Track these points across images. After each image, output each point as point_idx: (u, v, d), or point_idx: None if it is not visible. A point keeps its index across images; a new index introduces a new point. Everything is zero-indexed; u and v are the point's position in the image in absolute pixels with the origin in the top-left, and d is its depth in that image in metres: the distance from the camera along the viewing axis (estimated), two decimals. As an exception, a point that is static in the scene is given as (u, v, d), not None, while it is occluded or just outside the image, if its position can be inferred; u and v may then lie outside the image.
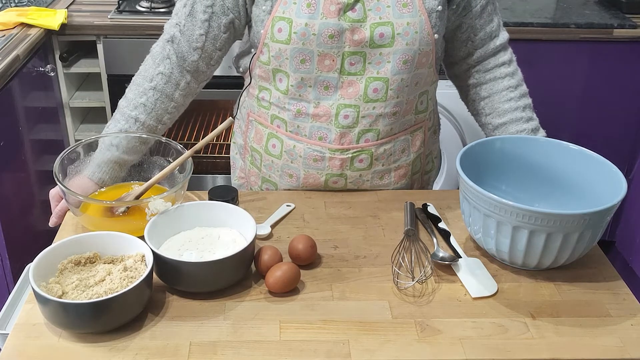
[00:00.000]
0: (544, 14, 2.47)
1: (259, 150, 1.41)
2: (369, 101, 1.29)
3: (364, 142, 1.33)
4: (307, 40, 1.23)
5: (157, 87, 1.31)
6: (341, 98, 1.29)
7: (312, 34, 1.23)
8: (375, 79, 1.27)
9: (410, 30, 1.24)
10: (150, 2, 2.46)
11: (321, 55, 1.25)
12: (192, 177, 1.27)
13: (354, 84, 1.28)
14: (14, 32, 2.20)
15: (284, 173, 1.38)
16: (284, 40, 1.24)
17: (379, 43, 1.24)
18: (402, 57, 1.26)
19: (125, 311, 1.00)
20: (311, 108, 1.30)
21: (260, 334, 1.01)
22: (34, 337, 1.00)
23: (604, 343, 1.02)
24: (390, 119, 1.32)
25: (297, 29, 1.23)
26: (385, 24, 1.24)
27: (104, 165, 1.30)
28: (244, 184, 1.52)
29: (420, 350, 0.99)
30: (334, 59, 1.25)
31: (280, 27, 1.24)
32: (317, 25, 1.22)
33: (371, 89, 1.28)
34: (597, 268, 1.18)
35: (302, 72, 1.27)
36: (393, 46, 1.25)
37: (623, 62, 2.44)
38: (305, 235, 1.16)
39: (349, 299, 1.09)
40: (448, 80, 1.54)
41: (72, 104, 2.50)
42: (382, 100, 1.29)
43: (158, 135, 1.35)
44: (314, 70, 1.26)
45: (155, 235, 1.11)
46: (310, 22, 1.22)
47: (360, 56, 1.26)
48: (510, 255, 1.13)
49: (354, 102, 1.29)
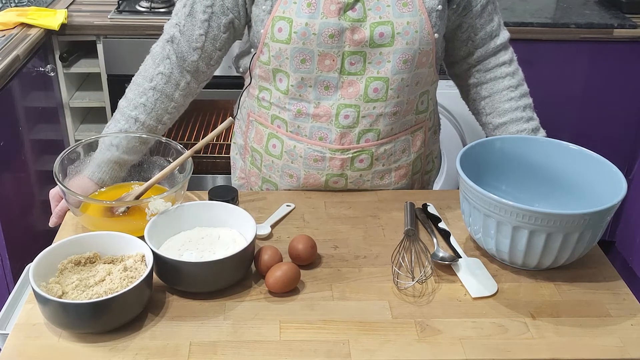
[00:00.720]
0: (544, 14, 2.47)
1: (259, 151, 1.41)
2: (369, 101, 1.29)
3: (364, 142, 1.33)
4: (308, 39, 1.23)
5: (157, 87, 1.31)
6: (341, 98, 1.29)
7: (313, 34, 1.23)
8: (375, 79, 1.27)
9: (410, 30, 1.24)
10: (150, 2, 2.46)
11: (321, 55, 1.25)
12: (192, 177, 1.27)
13: (354, 84, 1.28)
14: (14, 32, 2.20)
15: (284, 173, 1.38)
16: (284, 40, 1.24)
17: (379, 42, 1.24)
18: (402, 57, 1.26)
19: (125, 311, 1.00)
20: (311, 108, 1.30)
21: (260, 334, 1.01)
22: (34, 337, 1.00)
23: (604, 343, 1.02)
24: (391, 118, 1.32)
25: (298, 29, 1.23)
26: (385, 23, 1.23)
27: (104, 165, 1.30)
28: (244, 184, 1.52)
29: (420, 350, 0.99)
30: (334, 59, 1.25)
31: (280, 27, 1.24)
32: (318, 25, 1.22)
33: (371, 89, 1.28)
34: (597, 268, 1.18)
35: (302, 72, 1.27)
36: (393, 45, 1.25)
37: (623, 62, 2.44)
38: (305, 235, 1.16)
39: (349, 299, 1.09)
40: (448, 80, 1.53)
41: (72, 104, 2.50)
42: (383, 100, 1.29)
43: (158, 135, 1.35)
44: (314, 70, 1.26)
45: (155, 235, 1.11)
46: (310, 22, 1.22)
47: (360, 56, 1.25)
48: (510, 255, 1.13)
49: (355, 102, 1.29)
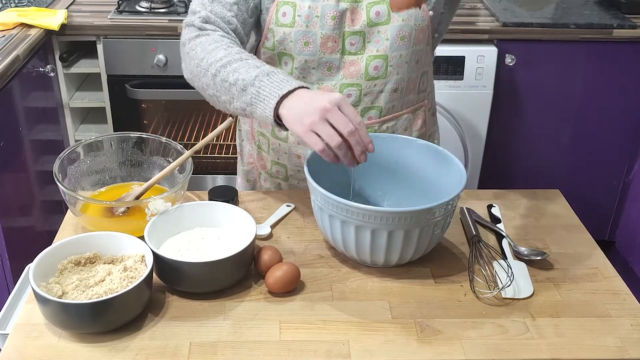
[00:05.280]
0: (544, 14, 2.47)
1: (266, 135, 1.42)
2: (370, 79, 1.31)
3: (367, 120, 1.35)
4: (311, 22, 1.25)
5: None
6: (343, 78, 1.31)
7: (316, 16, 1.25)
8: (375, 57, 1.29)
9: (403, 6, 1.26)
10: (150, 3, 2.46)
11: (324, 37, 1.27)
12: (192, 177, 1.27)
13: (355, 64, 1.30)
14: (14, 32, 2.20)
15: (292, 154, 1.39)
16: (288, 24, 1.26)
17: (376, 21, 1.27)
18: (399, 34, 1.28)
19: (125, 311, 1.00)
20: (314, 89, 1.31)
21: (260, 334, 1.01)
22: (34, 337, 1.00)
23: (604, 343, 1.02)
24: (392, 95, 1.34)
25: (301, 12, 1.25)
26: (381, 2, 1.26)
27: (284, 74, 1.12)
28: (253, 169, 1.52)
29: (420, 350, 0.99)
30: (335, 40, 1.28)
31: (284, 12, 1.26)
32: (320, 8, 1.25)
33: (372, 67, 1.30)
34: (597, 268, 1.18)
35: (306, 54, 1.29)
36: (390, 23, 1.27)
37: (623, 62, 2.44)
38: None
39: (349, 299, 1.09)
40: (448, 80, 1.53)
41: (72, 104, 2.50)
42: (383, 77, 1.31)
43: None
44: (317, 52, 1.29)
45: (155, 235, 1.11)
46: (313, 5, 1.25)
47: (359, 36, 1.28)
48: (358, 253, 1.12)
49: (356, 80, 1.31)
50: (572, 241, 1.25)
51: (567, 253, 1.22)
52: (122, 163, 1.35)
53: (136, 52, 2.39)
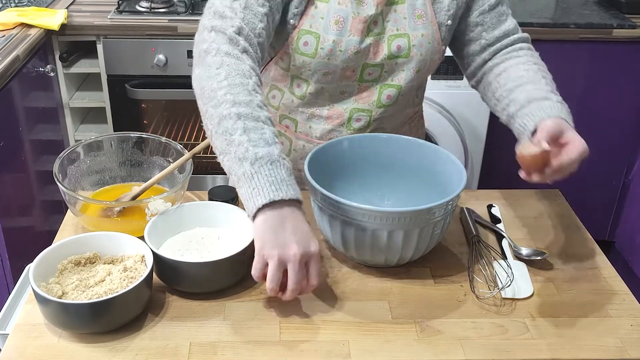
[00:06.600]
0: (544, 14, 2.47)
1: None
2: (381, 106, 1.32)
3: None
4: (333, 56, 1.24)
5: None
6: (355, 103, 1.31)
7: (339, 51, 1.23)
8: (389, 86, 1.30)
9: (424, 42, 1.27)
10: (150, 3, 2.46)
11: (344, 69, 1.26)
12: (192, 177, 1.27)
13: (369, 90, 1.30)
14: (14, 32, 2.20)
15: (294, 169, 1.38)
16: (310, 54, 1.24)
17: (396, 54, 1.27)
18: (416, 67, 1.28)
19: (125, 311, 1.00)
20: (325, 111, 1.33)
21: (260, 334, 1.01)
22: (34, 337, 1.00)
23: (604, 343, 1.02)
24: (398, 117, 1.37)
25: (325, 45, 1.23)
26: (402, 35, 1.26)
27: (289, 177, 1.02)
28: None
29: (420, 351, 0.99)
30: (354, 70, 1.27)
31: (306, 41, 1.24)
32: (344, 43, 1.23)
33: (385, 96, 1.30)
34: (597, 268, 1.18)
35: (324, 83, 1.29)
36: (409, 57, 1.27)
37: (623, 62, 2.44)
38: None
39: (349, 299, 1.09)
40: (448, 80, 1.54)
41: (72, 104, 2.50)
42: (393, 104, 1.32)
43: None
44: (336, 81, 1.28)
45: (155, 235, 1.11)
46: (337, 39, 1.23)
47: (378, 67, 1.28)
48: (358, 253, 1.12)
49: (367, 107, 1.31)
50: (572, 241, 1.25)
51: (567, 253, 1.22)
52: (122, 163, 1.35)
53: (136, 52, 2.39)
